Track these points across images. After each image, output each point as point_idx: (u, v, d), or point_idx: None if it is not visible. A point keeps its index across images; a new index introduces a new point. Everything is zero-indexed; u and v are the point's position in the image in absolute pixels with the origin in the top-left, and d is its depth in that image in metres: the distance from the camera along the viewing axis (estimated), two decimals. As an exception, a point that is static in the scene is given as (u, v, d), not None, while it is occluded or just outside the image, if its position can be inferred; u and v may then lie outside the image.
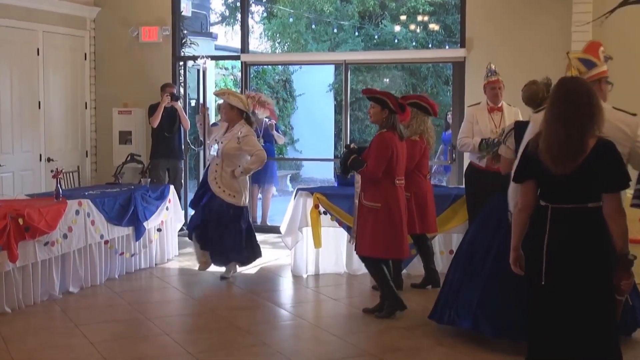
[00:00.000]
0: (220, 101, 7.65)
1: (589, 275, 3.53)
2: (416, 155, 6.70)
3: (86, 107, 10.12)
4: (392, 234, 5.86)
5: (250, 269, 7.65)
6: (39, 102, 9.42)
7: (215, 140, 7.25)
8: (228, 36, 17.52)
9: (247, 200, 7.32)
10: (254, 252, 7.35)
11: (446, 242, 7.50)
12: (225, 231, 7.11)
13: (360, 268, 7.50)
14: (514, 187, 4.30)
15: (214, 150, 7.29)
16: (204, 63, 8.97)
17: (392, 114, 5.89)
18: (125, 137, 9.89)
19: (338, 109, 16.10)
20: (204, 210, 7.15)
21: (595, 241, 3.54)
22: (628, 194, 3.88)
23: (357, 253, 6.26)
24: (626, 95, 5.57)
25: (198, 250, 7.32)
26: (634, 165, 4.33)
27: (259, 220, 10.39)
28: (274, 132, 10.39)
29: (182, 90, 10.28)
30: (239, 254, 7.24)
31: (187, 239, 7.57)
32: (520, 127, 4.95)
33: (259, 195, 10.55)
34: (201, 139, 7.99)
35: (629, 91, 5.65)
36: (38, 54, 9.38)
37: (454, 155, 9.11)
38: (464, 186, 7.42)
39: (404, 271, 7.32)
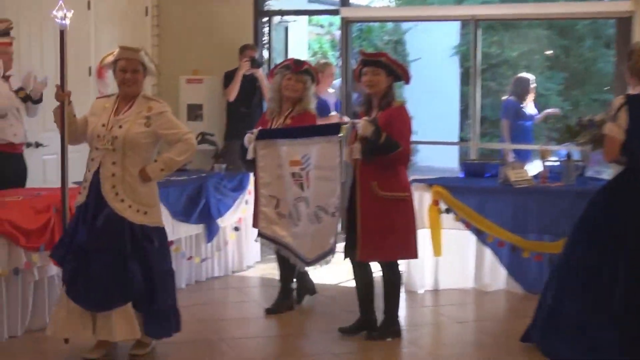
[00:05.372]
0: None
1: None
2: None
3: (147, 74, 10.33)
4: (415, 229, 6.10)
5: (346, 282, 7.64)
6: (89, 68, 9.68)
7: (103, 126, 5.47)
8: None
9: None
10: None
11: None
12: (159, 278, 5.59)
13: (493, 283, 7.50)
14: None
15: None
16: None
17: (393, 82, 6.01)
18: (194, 112, 10.00)
19: (465, 79, 15.95)
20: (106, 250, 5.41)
21: None
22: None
23: (380, 259, 6.14)
24: None
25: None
26: None
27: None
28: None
29: (265, 54, 10.38)
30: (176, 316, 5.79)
31: None
32: (634, 101, 5.22)
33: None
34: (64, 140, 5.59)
35: None
36: (89, 7, 9.63)
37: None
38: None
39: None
